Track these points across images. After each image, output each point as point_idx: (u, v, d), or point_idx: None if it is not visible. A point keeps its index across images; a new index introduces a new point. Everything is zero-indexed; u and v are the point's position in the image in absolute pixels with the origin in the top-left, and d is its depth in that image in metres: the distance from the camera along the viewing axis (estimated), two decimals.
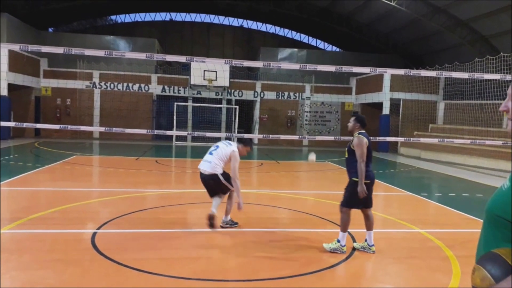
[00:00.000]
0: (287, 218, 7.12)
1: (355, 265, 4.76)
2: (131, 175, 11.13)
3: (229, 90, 24.28)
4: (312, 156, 6.94)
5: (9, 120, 18.27)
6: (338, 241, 5.02)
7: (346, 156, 5.13)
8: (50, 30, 32.13)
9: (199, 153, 18.90)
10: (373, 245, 5.08)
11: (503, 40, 20.32)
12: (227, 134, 20.20)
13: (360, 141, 4.95)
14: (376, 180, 5.02)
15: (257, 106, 25.11)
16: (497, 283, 1.19)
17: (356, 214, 5.15)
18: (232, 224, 6.06)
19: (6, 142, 18.23)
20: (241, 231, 5.97)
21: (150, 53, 6.84)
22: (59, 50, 7.58)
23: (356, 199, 4.95)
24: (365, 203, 5.05)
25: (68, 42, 24.05)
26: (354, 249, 5.14)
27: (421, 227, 6.42)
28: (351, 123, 5.17)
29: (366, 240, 5.11)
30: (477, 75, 6.97)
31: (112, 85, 23.59)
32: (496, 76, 7.40)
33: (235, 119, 22.53)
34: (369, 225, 5.09)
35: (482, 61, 17.11)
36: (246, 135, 20.46)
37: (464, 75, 7.11)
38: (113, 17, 35.76)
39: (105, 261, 4.47)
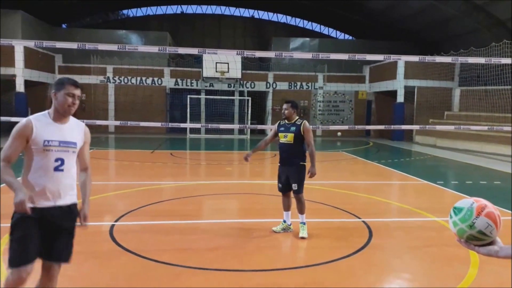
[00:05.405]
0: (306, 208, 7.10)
1: (371, 254, 4.75)
2: (147, 168, 11.26)
3: (241, 82, 24.24)
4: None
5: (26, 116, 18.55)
6: (304, 223, 5.22)
7: (291, 141, 5.16)
8: (63, 26, 32.45)
9: (213, 145, 19.10)
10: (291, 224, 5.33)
11: None
12: (240, 125, 20.22)
13: (309, 126, 5.22)
14: (391, 169, 4.99)
15: (270, 97, 25.03)
16: None
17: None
18: None
19: None
20: (255, 221, 6.00)
21: (162, 46, 6.87)
22: (73, 45, 7.66)
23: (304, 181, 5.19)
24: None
25: (81, 38, 24.24)
26: (302, 237, 5.13)
27: (438, 216, 6.36)
28: (288, 109, 5.30)
29: (285, 221, 5.32)
30: (494, 60, 6.84)
31: (125, 79, 23.79)
32: None
33: (247, 110, 22.54)
34: (302, 208, 5.23)
35: (499, 46, 16.72)
36: (260, 126, 20.57)
37: (481, 60, 6.99)
38: (124, 11, 35.96)
39: (124, 252, 4.54)
